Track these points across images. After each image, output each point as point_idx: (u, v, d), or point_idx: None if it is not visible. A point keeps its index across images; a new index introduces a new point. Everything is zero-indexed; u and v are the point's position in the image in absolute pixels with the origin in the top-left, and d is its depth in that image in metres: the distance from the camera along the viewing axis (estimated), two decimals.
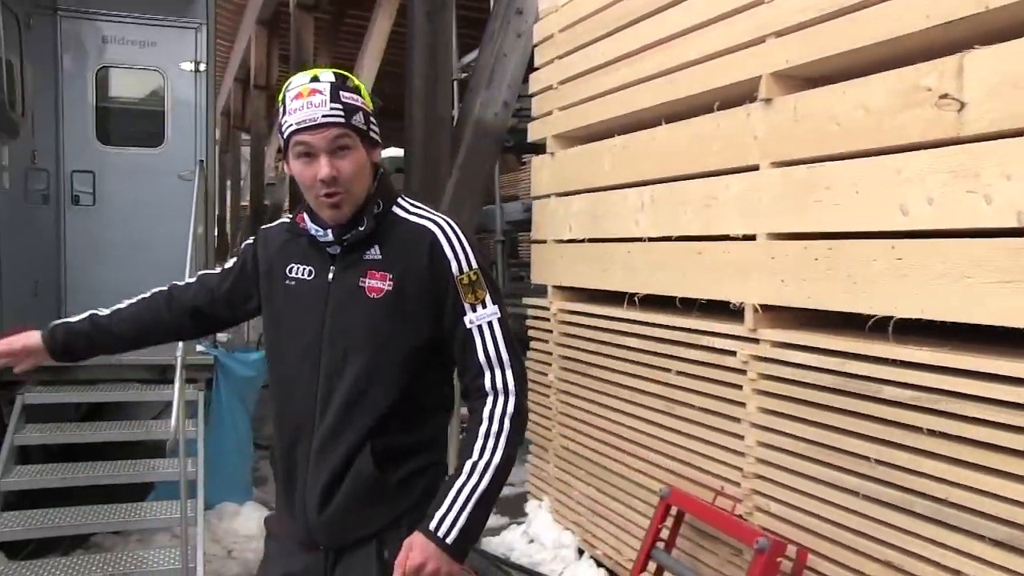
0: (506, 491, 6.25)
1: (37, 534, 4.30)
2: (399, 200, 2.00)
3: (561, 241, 4.92)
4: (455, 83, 7.85)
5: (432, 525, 1.81)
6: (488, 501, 1.84)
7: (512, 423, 1.88)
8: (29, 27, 5.53)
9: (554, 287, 5.04)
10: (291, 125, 1.85)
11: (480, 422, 1.88)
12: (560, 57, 4.92)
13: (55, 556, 4.35)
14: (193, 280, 2.24)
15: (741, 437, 3.38)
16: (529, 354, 5.25)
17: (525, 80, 5.76)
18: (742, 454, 3.38)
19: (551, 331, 5.01)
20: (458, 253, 1.91)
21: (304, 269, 1.99)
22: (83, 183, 5.95)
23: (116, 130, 6.07)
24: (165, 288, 2.24)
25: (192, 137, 6.08)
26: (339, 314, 1.92)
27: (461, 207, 5.73)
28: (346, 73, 1.93)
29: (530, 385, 1.85)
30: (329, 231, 1.93)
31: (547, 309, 5.06)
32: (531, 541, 4.87)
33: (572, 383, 4.76)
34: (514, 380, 1.90)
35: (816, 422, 3.00)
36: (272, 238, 2.11)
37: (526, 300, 5.51)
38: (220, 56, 18.40)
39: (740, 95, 3.40)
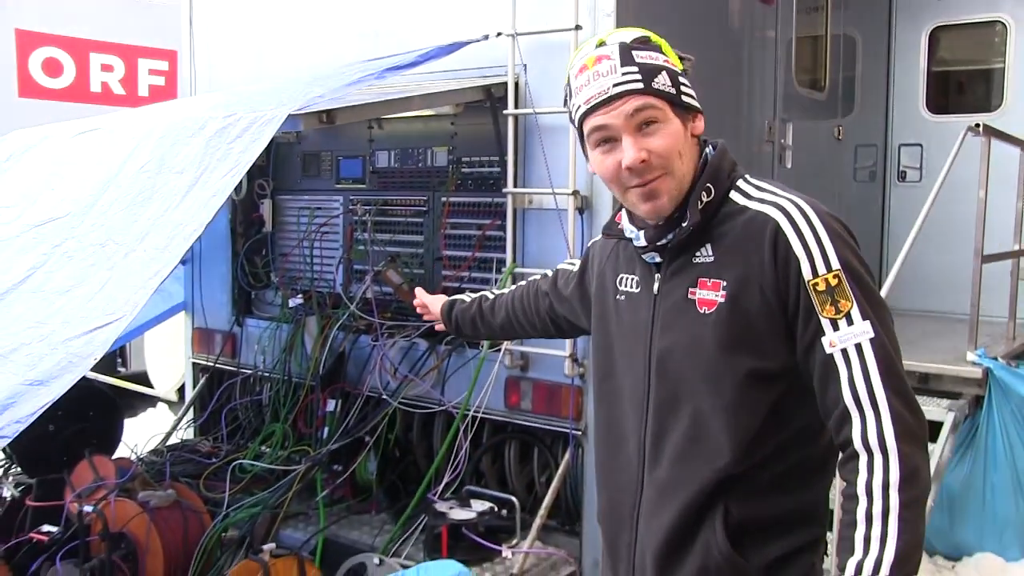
0: None
1: None
2: (738, 183, 1.57)
3: None
4: None
5: None
6: None
7: (901, 496, 1.38)
8: None
9: None
10: (579, 107, 1.54)
11: (855, 499, 1.41)
12: None
13: None
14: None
15: None
16: None
17: None
18: None
19: None
20: (810, 246, 1.45)
21: (631, 280, 1.66)
22: (911, 157, 5.52)
23: (944, 96, 5.54)
24: (548, 275, 2.08)
25: None
26: (667, 337, 1.57)
27: None
28: (644, 31, 1.57)
29: None
30: (641, 232, 1.58)
31: None
32: None
33: None
34: (895, 431, 1.40)
35: None
36: (604, 242, 1.80)
37: None
38: None
39: None
